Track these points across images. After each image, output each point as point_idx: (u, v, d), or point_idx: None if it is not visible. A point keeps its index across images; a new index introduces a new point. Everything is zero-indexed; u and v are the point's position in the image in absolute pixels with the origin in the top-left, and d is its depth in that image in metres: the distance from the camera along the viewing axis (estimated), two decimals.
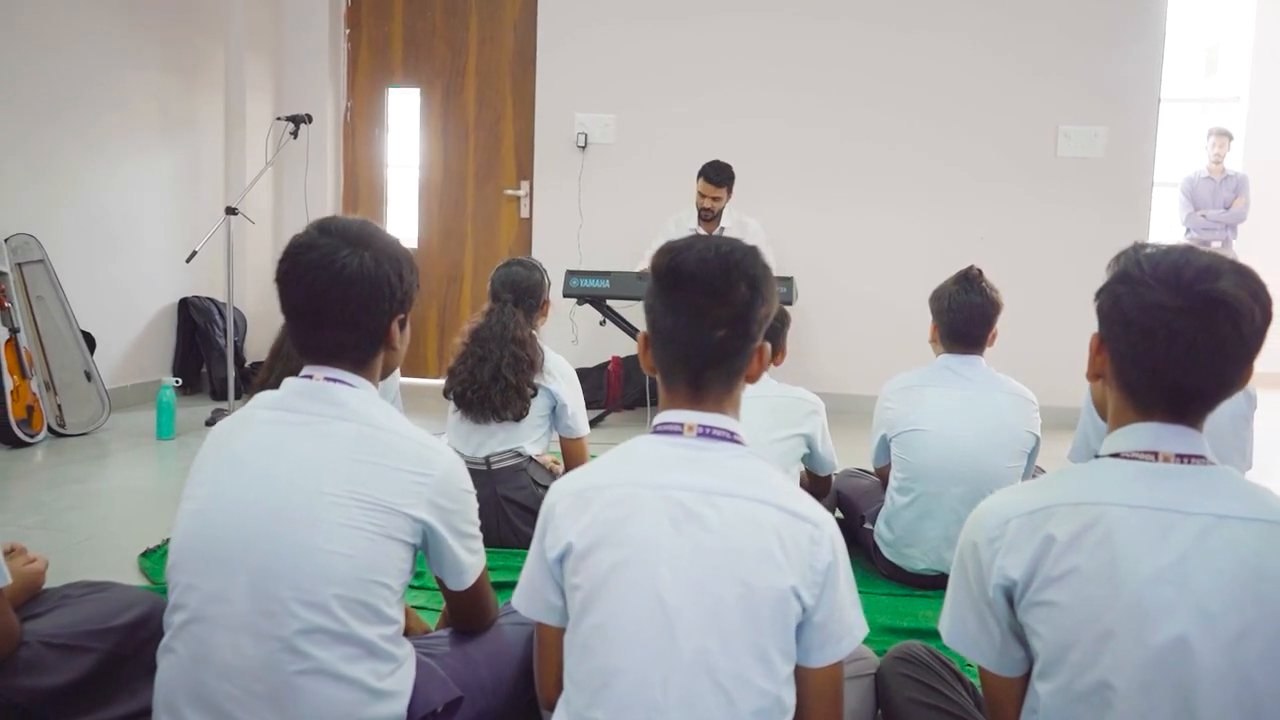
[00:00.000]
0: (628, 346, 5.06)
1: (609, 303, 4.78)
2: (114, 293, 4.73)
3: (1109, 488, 1.17)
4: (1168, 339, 1.14)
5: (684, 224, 5.16)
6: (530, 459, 2.78)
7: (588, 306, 4.87)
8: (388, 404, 1.56)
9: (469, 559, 1.54)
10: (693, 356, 1.29)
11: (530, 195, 5.79)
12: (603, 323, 4.84)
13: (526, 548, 1.40)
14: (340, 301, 1.48)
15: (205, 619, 1.38)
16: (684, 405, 1.31)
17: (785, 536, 1.23)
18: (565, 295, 4.58)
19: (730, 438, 1.30)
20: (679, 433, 1.29)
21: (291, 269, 1.49)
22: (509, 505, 2.74)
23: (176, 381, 4.40)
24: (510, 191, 5.86)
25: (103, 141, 4.65)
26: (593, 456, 3.10)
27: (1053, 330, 4.86)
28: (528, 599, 1.36)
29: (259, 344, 5.21)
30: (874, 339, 5.34)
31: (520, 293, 2.82)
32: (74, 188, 4.48)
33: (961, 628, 1.28)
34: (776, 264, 5.15)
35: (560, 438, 2.92)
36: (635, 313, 4.81)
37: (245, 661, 1.36)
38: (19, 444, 3.90)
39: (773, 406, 2.62)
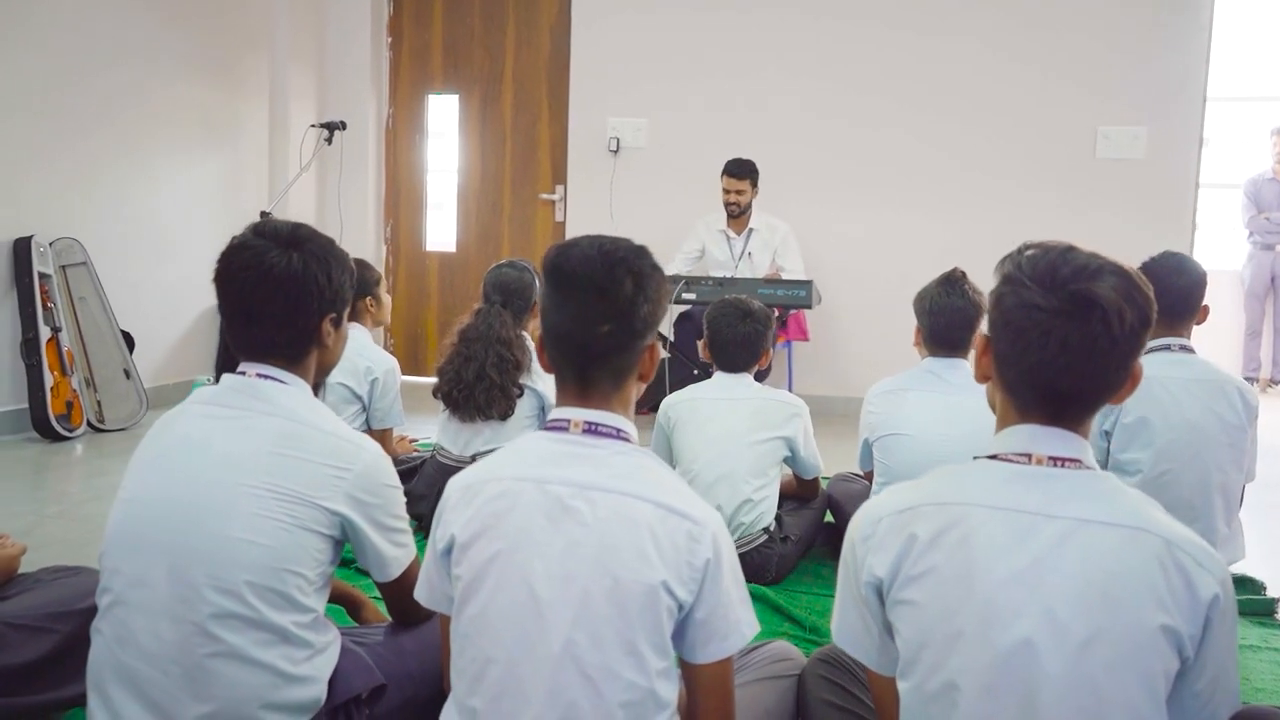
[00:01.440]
0: None
1: None
2: (156, 294, 4.91)
3: (976, 489, 1.16)
4: (1041, 339, 1.13)
5: (713, 226, 5.19)
6: None
7: None
8: (318, 401, 1.61)
9: (393, 552, 1.58)
10: (579, 353, 1.31)
11: (565, 199, 5.85)
12: None
13: None
14: (269, 300, 1.53)
15: (127, 602, 1.44)
16: (573, 402, 1.33)
17: (660, 532, 1.24)
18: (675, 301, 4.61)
19: (616, 434, 1.31)
20: (565, 429, 1.31)
21: (224, 269, 1.56)
22: None
23: (208, 379, 4.56)
24: (545, 195, 5.93)
25: (147, 149, 4.84)
26: None
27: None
28: (428, 590, 1.40)
29: None
30: (907, 343, 5.26)
31: (509, 294, 2.87)
32: (118, 194, 4.68)
33: (847, 626, 1.28)
34: (806, 266, 5.14)
35: None
36: None
37: (162, 644, 1.41)
38: (58, 438, 4.08)
39: (754, 409, 2.62)
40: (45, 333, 4.11)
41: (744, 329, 2.62)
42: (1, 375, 4.10)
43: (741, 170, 4.96)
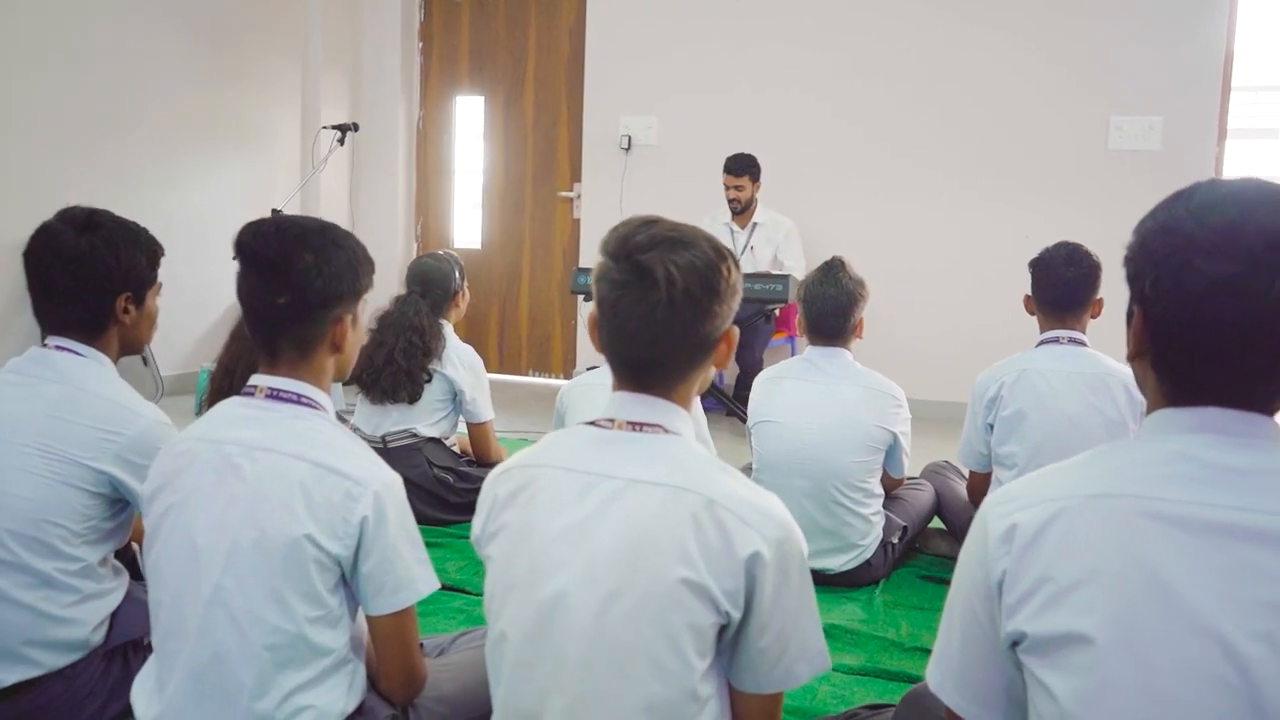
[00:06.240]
0: None
1: None
2: (185, 290, 5.21)
3: (556, 450, 1.22)
4: (611, 309, 1.18)
5: (718, 220, 5.23)
6: (427, 440, 2.95)
7: None
8: (109, 374, 1.75)
9: None
10: (262, 323, 1.42)
11: (581, 196, 5.97)
12: None
13: (419, 522, 1.48)
14: (61, 279, 1.71)
15: None
16: (264, 370, 1.44)
17: (313, 489, 1.33)
18: (573, 291, 4.74)
19: (298, 400, 1.42)
20: (252, 395, 1.43)
21: (28, 251, 1.74)
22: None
23: (211, 365, 4.86)
24: (564, 193, 6.06)
25: (180, 152, 5.17)
26: (503, 442, 3.26)
27: (1110, 329, 4.59)
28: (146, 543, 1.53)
29: None
30: (911, 340, 5.21)
31: (427, 284, 2.99)
32: (150, 195, 5.01)
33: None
34: (809, 262, 5.12)
35: (466, 422, 3.08)
36: None
37: None
38: None
39: None
40: None
41: None
42: None
43: (739, 166, 4.99)
